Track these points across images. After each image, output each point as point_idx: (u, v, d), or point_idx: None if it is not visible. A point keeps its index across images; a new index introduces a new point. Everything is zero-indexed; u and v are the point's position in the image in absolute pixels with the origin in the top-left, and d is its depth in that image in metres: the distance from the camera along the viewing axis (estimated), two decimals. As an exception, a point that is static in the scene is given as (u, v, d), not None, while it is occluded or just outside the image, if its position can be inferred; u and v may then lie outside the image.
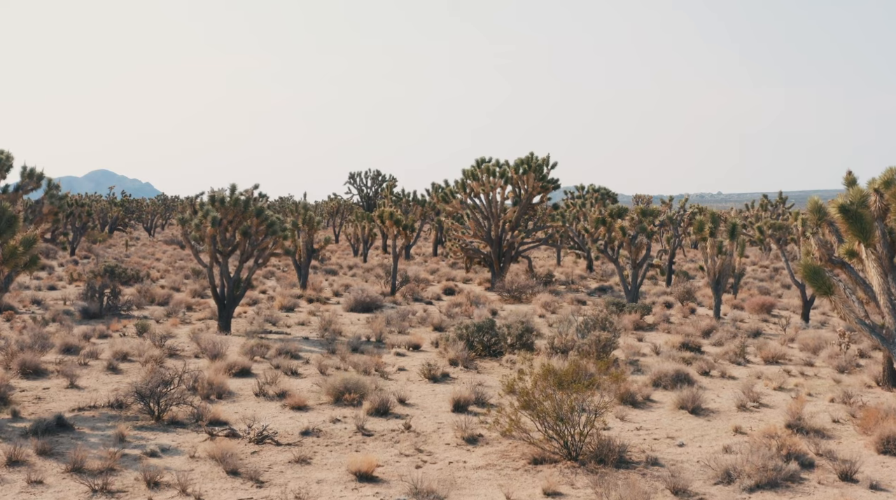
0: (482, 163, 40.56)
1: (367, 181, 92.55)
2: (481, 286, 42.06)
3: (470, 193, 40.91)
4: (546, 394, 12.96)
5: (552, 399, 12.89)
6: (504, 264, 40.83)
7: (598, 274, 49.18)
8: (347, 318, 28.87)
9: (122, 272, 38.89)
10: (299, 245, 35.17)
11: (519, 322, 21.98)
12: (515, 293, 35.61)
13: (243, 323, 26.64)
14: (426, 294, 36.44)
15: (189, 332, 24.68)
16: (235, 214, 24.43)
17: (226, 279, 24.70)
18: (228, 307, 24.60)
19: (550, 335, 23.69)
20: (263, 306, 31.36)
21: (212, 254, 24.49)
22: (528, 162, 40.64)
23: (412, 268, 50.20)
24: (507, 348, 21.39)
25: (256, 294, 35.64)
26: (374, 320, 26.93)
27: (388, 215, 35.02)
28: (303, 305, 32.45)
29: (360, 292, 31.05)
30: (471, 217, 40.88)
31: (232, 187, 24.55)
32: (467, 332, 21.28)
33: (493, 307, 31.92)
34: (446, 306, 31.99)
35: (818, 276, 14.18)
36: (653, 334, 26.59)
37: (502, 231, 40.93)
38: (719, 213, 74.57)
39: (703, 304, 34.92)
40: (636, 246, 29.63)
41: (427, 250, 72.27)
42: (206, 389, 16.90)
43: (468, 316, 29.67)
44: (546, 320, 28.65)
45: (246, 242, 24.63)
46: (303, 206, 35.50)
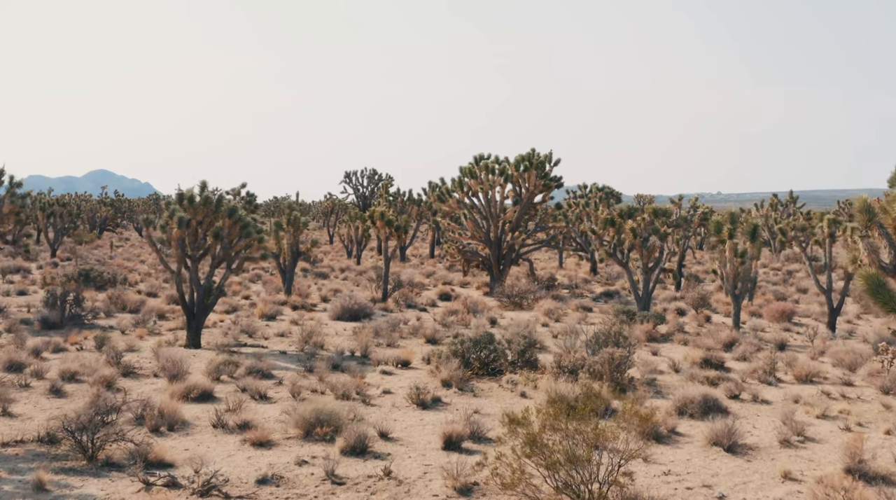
0: (481, 160, 38.07)
1: (364, 180, 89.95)
2: (479, 291, 39.56)
3: (468, 191, 38.41)
4: (556, 440, 10.43)
5: (564, 444, 10.37)
6: (504, 267, 38.36)
7: (602, 277, 46.71)
8: (333, 327, 26.40)
9: (97, 276, 36.50)
10: (284, 247, 32.67)
11: (521, 336, 19.48)
12: (516, 299, 33.15)
13: (217, 334, 24.18)
14: (420, 300, 33.97)
15: (155, 345, 22.25)
16: (206, 214, 21.95)
17: (195, 287, 22.23)
18: (198, 318, 22.14)
19: (556, 350, 21.23)
20: (243, 314, 28.88)
21: (179, 258, 22.03)
22: (529, 159, 38.15)
23: (407, 271, 47.73)
24: (508, 367, 18.90)
25: (238, 300, 33.16)
26: (361, 330, 24.47)
27: (379, 215, 32.51)
28: (286, 312, 29.97)
29: (348, 299, 28.57)
30: (468, 217, 38.38)
31: (202, 184, 22.06)
32: (462, 347, 18.80)
33: (491, 315, 29.44)
34: (441, 313, 29.53)
35: (883, 290, 11.69)
36: (668, 347, 24.14)
37: (502, 232, 38.44)
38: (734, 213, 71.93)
39: (718, 310, 32.47)
40: (648, 249, 27.14)
41: (424, 251, 69.79)
42: (156, 419, 14.42)
43: (465, 325, 27.23)
44: (550, 331, 26.18)
45: (217, 245, 22.15)
46: (287, 205, 32.91)
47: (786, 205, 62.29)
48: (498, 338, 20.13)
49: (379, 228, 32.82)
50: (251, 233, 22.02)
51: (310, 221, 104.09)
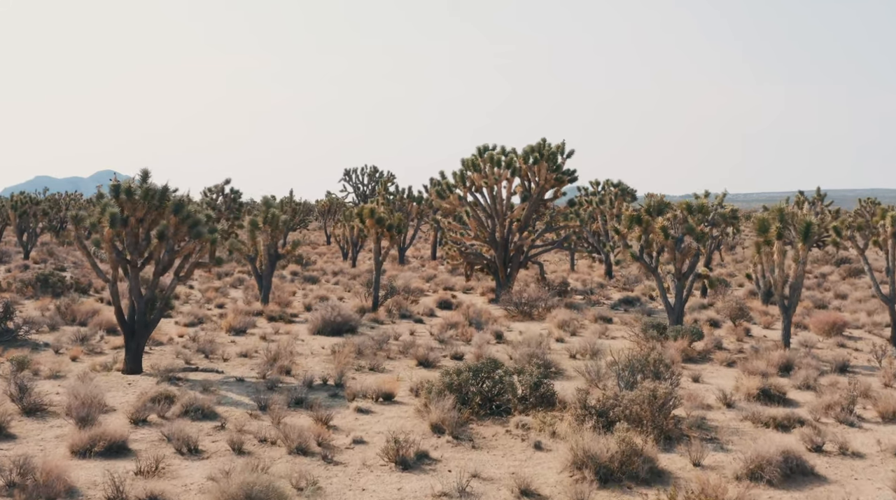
0: (485, 151, 33.96)
1: (364, 178, 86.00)
2: (484, 297, 35.47)
3: (471, 187, 34.29)
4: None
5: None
6: (511, 271, 34.26)
7: (619, 281, 42.55)
8: (309, 345, 22.34)
9: (57, 281, 32.55)
10: (260, 250, 28.61)
11: (533, 365, 15.30)
12: (525, 308, 29.06)
13: (168, 354, 20.17)
14: (417, 309, 29.88)
15: (87, 369, 18.27)
16: (148, 209, 17.90)
17: (136, 299, 18.19)
18: (138, 337, 18.09)
19: (576, 375, 17.20)
20: (209, 327, 24.83)
21: (113, 264, 17.99)
22: (539, 150, 34.03)
23: (405, 274, 43.63)
24: (517, 404, 14.74)
25: (209, 310, 29.11)
26: (342, 349, 20.42)
27: (368, 213, 28.42)
28: (260, 324, 25.90)
29: (330, 311, 24.47)
30: (471, 215, 34.26)
31: (143, 173, 17.99)
32: (459, 378, 14.69)
33: (497, 327, 25.37)
34: (439, 326, 25.43)
35: None
36: (709, 369, 20.06)
37: (509, 232, 34.33)
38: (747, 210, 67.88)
39: (756, 320, 28.32)
40: (682, 251, 23.00)
41: (427, 252, 65.70)
42: (30, 492, 10.39)
43: (466, 341, 23.16)
44: (567, 348, 22.06)
45: (162, 247, 18.11)
46: (265, 202, 28.85)
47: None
48: (505, 364, 16.06)
49: (368, 228, 28.73)
50: (202, 233, 17.95)
51: (311, 221, 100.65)
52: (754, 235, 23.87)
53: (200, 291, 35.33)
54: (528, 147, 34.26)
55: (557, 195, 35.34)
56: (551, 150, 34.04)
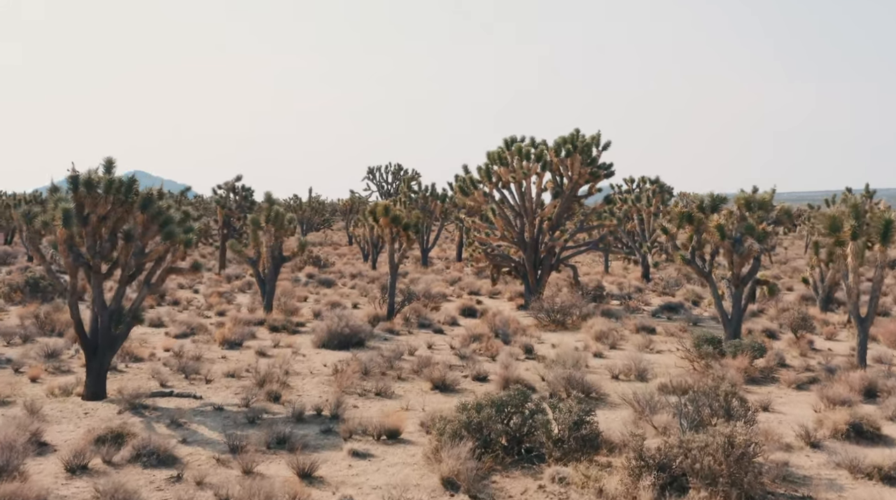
0: (512, 143, 30.91)
1: (388, 176, 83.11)
2: (512, 303, 32.45)
3: (497, 182, 31.25)
4: None
5: None
6: (541, 275, 31.21)
7: (658, 285, 39.35)
8: (310, 361, 19.44)
9: (47, 286, 29.96)
10: (263, 253, 25.74)
11: (573, 394, 12.19)
12: (557, 316, 26.03)
13: (142, 374, 17.37)
14: (437, 317, 26.91)
15: (43, 393, 15.53)
16: (113, 205, 15.05)
17: (99, 310, 15.36)
18: (101, 355, 15.26)
19: (619, 401, 14.21)
20: (201, 339, 22.00)
21: (70, 269, 15.16)
22: (572, 141, 30.95)
23: (427, 277, 40.69)
24: (553, 448, 11.69)
25: (207, 318, 26.31)
26: (345, 369, 17.52)
27: (382, 211, 25.48)
28: (261, 335, 23.06)
29: (337, 321, 21.56)
30: (498, 213, 31.23)
31: (107, 162, 15.13)
32: (480, 415, 11.70)
33: (526, 339, 22.38)
34: (461, 338, 22.45)
35: None
36: (777, 393, 16.96)
37: (539, 232, 31.29)
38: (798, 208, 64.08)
39: (817, 330, 25.09)
40: (741, 254, 19.86)
41: (453, 253, 62.72)
42: None
43: (491, 356, 20.18)
44: (607, 366, 18.96)
45: (129, 250, 15.25)
46: (268, 199, 25.98)
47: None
48: (536, 390, 13.06)
49: (383, 227, 25.78)
50: (174, 233, 15.05)
51: (337, 220, 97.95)
52: (813, 235, 20.70)
53: (205, 295, 32.61)
54: (559, 138, 31.20)
55: (592, 191, 32.25)
56: (585, 141, 30.97)
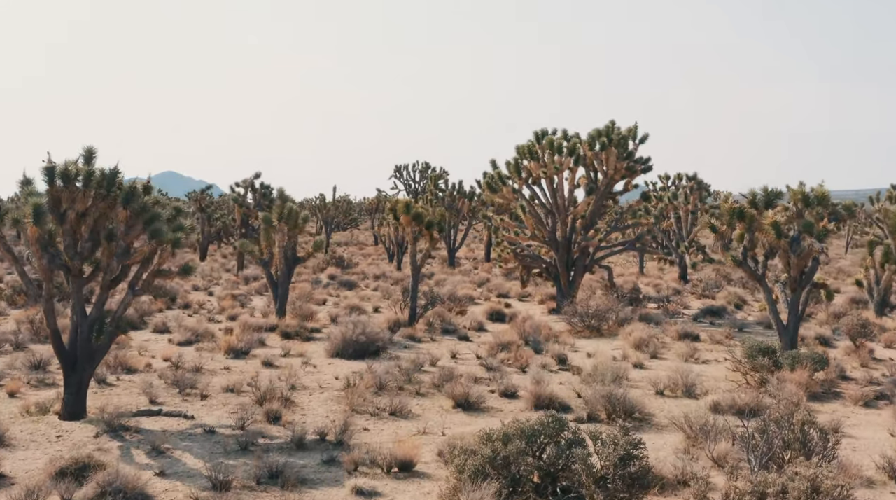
0: (543, 136, 28.95)
1: (415, 175, 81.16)
2: (543, 306, 30.51)
3: (527, 178, 29.29)
4: None
5: None
6: (574, 277, 29.23)
7: (697, 287, 37.22)
8: (321, 374, 17.63)
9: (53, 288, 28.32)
10: (275, 253, 23.97)
11: (619, 429, 10.20)
12: (592, 321, 24.08)
13: (132, 389, 15.65)
14: (463, 322, 25.03)
15: (18, 411, 13.87)
16: (94, 201, 13.31)
17: (78, 319, 13.63)
18: (81, 370, 13.53)
19: (676, 440, 12.28)
20: (205, 346, 20.27)
21: (44, 272, 13.42)
22: (607, 134, 28.95)
23: (453, 279, 38.84)
24: (595, 488, 9.73)
25: (218, 323, 24.63)
26: (358, 383, 15.71)
27: (403, 208, 23.61)
28: (271, 342, 21.31)
29: (352, 328, 19.74)
30: (528, 211, 29.27)
31: (87, 152, 13.38)
32: (507, 449, 9.79)
33: (559, 347, 20.48)
34: (488, 346, 20.56)
35: None
36: (843, 412, 14.94)
37: (572, 231, 29.31)
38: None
39: (876, 337, 22.95)
40: (799, 254, 17.81)
41: (481, 252, 60.84)
42: None
43: (520, 367, 18.29)
44: (649, 379, 16.97)
45: (111, 251, 13.50)
46: (280, 196, 24.22)
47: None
48: (573, 412, 11.14)
49: (404, 226, 23.92)
50: (160, 232, 13.26)
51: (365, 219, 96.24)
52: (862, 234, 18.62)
53: (219, 298, 30.96)
54: (593, 131, 29.21)
55: (628, 188, 30.24)
56: (621, 134, 28.97)
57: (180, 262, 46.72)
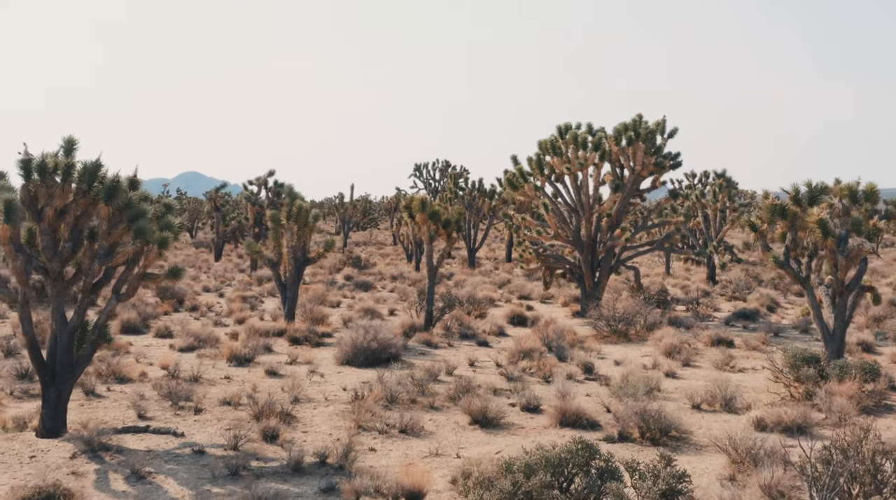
0: (567, 131, 27.56)
1: (435, 173, 79.93)
2: (566, 309, 29.13)
3: (550, 174, 27.92)
4: None
5: None
6: (600, 278, 27.83)
7: (726, 288, 35.70)
8: (327, 384, 16.33)
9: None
10: (284, 254, 22.71)
11: (658, 459, 8.83)
12: (619, 326, 22.71)
13: (121, 401, 14.41)
14: (482, 326, 23.71)
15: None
16: (75, 197, 12.07)
17: (58, 326, 12.39)
18: (60, 383, 12.28)
19: (718, 464, 10.90)
20: (207, 353, 19.02)
21: (18, 275, 12.16)
22: (634, 128, 27.53)
23: (473, 280, 37.49)
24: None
25: (224, 327, 23.44)
26: (367, 396, 14.42)
27: (418, 206, 22.28)
28: (278, 348, 20.08)
29: (363, 334, 18.45)
30: (550, 209, 27.90)
31: (67, 143, 12.14)
32: (531, 483, 8.44)
33: (585, 355, 19.16)
34: (509, 353, 19.20)
35: None
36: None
37: (597, 230, 27.91)
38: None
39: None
40: (847, 255, 16.35)
41: (502, 253, 59.47)
42: None
43: (544, 377, 16.93)
44: (684, 390, 15.58)
45: (92, 251, 12.26)
46: (289, 193, 22.97)
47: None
48: (601, 433, 9.79)
49: (419, 225, 22.59)
50: (145, 231, 11.99)
51: (381, 220, 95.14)
52: None
53: (229, 300, 29.77)
54: (619, 125, 27.78)
55: (656, 185, 28.79)
56: (649, 128, 27.54)
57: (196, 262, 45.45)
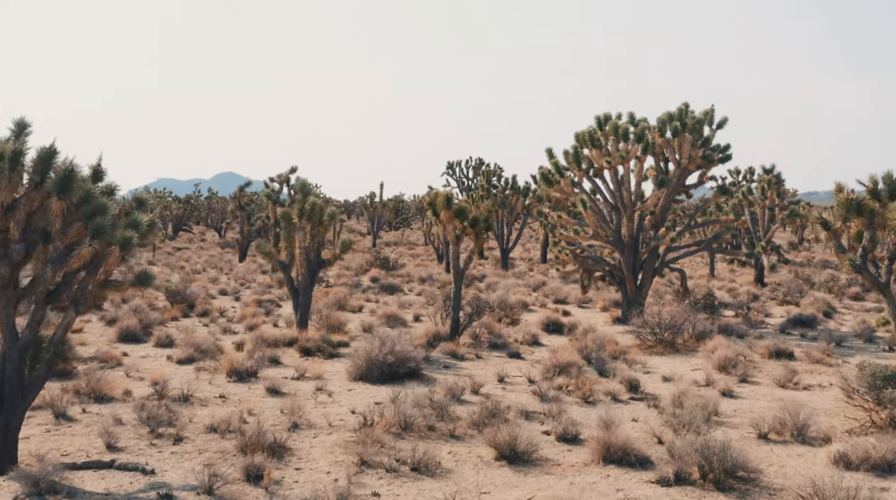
0: (606, 121, 25.35)
1: (468, 171, 77.70)
2: (606, 315, 26.92)
3: (588, 169, 25.72)
4: None
5: None
6: (643, 281, 25.60)
7: (777, 291, 33.28)
8: (335, 405, 14.27)
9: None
10: (296, 255, 20.73)
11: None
12: (666, 334, 20.50)
13: (94, 427, 12.45)
14: (514, 333, 21.63)
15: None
16: (27, 190, 10.14)
17: (8, 343, 10.43)
18: (9, 410, 10.32)
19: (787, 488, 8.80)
20: (206, 366, 17.08)
21: (-41, 285, 10.24)
22: (679, 118, 25.26)
23: (506, 282, 35.36)
24: None
25: (233, 335, 21.54)
26: (377, 421, 12.37)
27: (443, 203, 20.20)
28: (287, 360, 18.09)
29: (378, 346, 16.38)
30: (589, 207, 25.69)
31: (18, 126, 10.22)
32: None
33: (629, 370, 17.03)
34: (543, 366, 17.06)
35: None
36: None
37: (639, 229, 25.68)
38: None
39: None
40: (937, 258, 14.05)
41: (537, 253, 57.25)
42: None
43: (582, 397, 14.77)
44: (745, 413, 13.41)
45: (45, 254, 10.32)
46: (302, 188, 20.98)
47: None
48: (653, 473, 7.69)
49: (444, 223, 20.50)
50: (103, 229, 9.98)
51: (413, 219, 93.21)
52: None
53: (245, 304, 27.90)
54: (664, 115, 25.51)
55: (704, 180, 26.51)
56: (696, 118, 25.25)
57: (219, 263, 43.46)
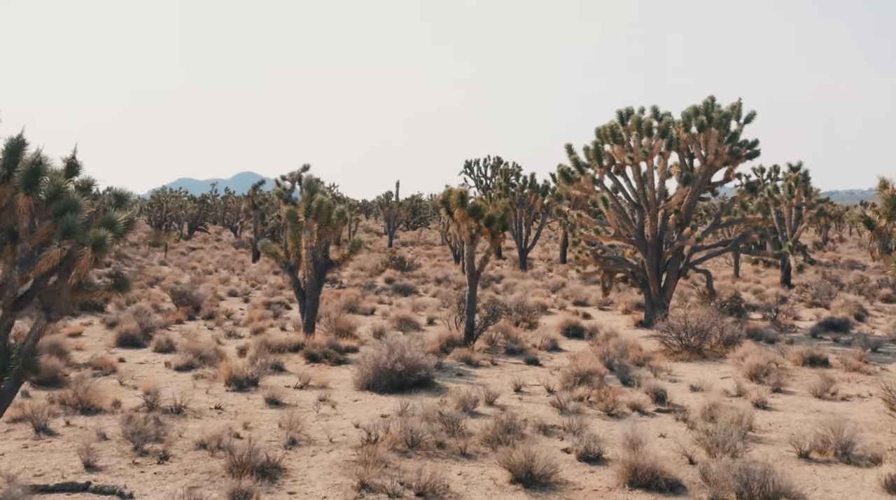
0: (629, 115, 24.22)
1: (486, 170, 76.56)
2: (628, 318, 25.80)
3: (609, 165, 24.61)
4: None
5: None
6: (667, 282, 24.46)
7: (805, 294, 32.04)
8: (338, 417, 13.27)
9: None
10: (303, 257, 19.75)
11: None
12: (692, 339, 19.38)
13: (74, 443, 11.49)
14: (531, 338, 20.59)
15: None
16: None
17: (-26, 352, 9.49)
18: (-25, 426, 9.39)
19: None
20: (205, 372, 16.12)
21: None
22: (706, 112, 24.11)
23: (524, 283, 34.30)
24: None
25: (238, 339, 20.60)
26: (382, 437, 11.36)
27: (457, 201, 19.15)
28: (291, 367, 17.10)
29: (387, 353, 15.36)
30: (610, 205, 24.57)
31: (-16, 114, 9.28)
32: None
33: (654, 378, 15.95)
34: (563, 374, 16.00)
35: None
36: None
37: (663, 228, 24.54)
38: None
39: None
40: None
41: (556, 253, 56.11)
42: None
43: (605, 410, 13.70)
44: (781, 427, 12.30)
45: (12, 255, 9.36)
46: (308, 186, 19.97)
47: None
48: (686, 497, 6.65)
49: (458, 222, 19.46)
50: (74, 229, 9.01)
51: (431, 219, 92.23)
52: None
53: (253, 306, 26.97)
54: (689, 109, 24.36)
55: (730, 177, 25.34)
56: (723, 112, 24.09)
57: (231, 263, 42.65)
